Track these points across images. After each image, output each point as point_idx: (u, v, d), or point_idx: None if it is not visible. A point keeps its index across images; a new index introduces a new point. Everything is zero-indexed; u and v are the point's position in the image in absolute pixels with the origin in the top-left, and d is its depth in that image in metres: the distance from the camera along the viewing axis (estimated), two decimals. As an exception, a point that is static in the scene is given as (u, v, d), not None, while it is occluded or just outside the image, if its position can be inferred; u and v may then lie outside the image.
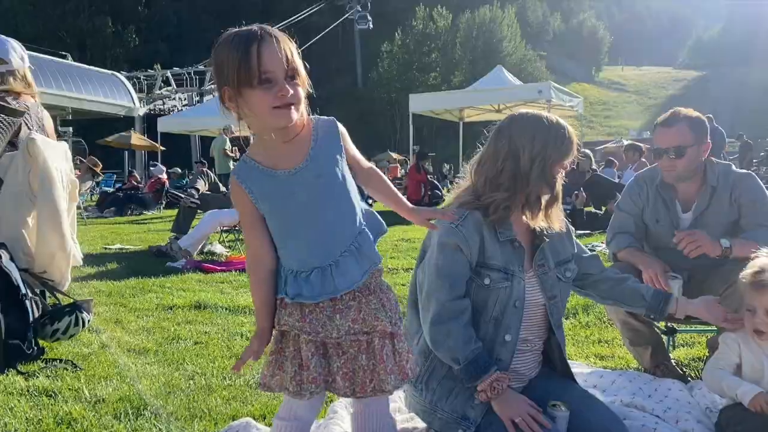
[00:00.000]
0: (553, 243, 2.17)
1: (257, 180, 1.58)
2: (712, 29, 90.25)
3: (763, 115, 38.14)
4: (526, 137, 2.02)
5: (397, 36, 54.66)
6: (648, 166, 10.88)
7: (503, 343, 2.05)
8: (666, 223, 2.94)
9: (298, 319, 1.61)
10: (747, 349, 2.20)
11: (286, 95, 1.48)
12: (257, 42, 1.46)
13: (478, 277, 2.03)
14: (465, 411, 1.98)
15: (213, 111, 19.77)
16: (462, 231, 2.00)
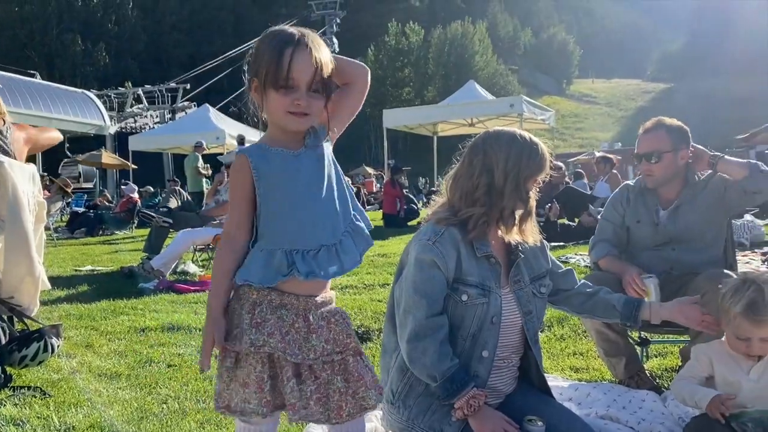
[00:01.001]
0: (528, 259, 2.18)
1: (264, 158, 1.61)
2: (678, 42, 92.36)
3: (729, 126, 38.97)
4: (500, 153, 2.04)
5: (370, 51, 55.03)
6: (619, 177, 11.07)
7: (480, 359, 2.05)
8: (646, 222, 3.02)
9: (279, 339, 1.58)
10: (720, 364, 2.22)
11: (302, 105, 1.55)
12: (292, 47, 1.53)
13: (455, 293, 2.03)
14: (442, 428, 1.98)
15: (185, 128, 19.73)
16: (439, 247, 2.01)
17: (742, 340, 2.12)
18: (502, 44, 69.68)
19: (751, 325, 2.09)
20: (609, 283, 2.61)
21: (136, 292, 5.94)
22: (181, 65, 43.25)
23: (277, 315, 1.60)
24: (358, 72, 1.73)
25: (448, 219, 2.07)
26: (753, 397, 2.14)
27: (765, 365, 2.16)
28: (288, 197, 1.61)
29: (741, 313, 2.09)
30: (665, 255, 2.96)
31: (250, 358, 1.60)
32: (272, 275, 1.59)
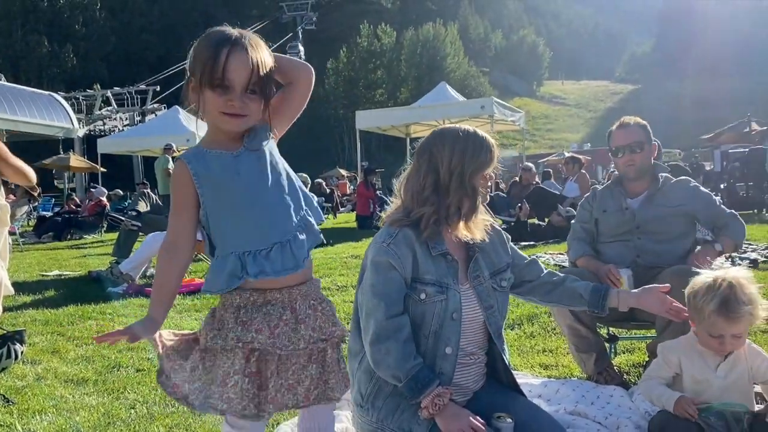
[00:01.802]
0: (487, 253, 2.20)
1: (203, 161, 1.60)
2: (645, 44, 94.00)
3: (695, 126, 39.82)
4: (444, 151, 2.07)
5: (342, 53, 54.99)
6: (588, 177, 11.22)
7: (444, 356, 2.06)
8: (613, 210, 3.16)
9: (268, 335, 1.59)
10: (688, 362, 2.26)
11: (235, 107, 1.55)
12: (228, 47, 1.52)
13: (413, 292, 2.04)
14: (411, 427, 1.98)
15: (156, 130, 19.46)
16: (394, 249, 2.02)
17: (715, 337, 2.15)
18: (474, 46, 70.19)
19: (725, 322, 2.12)
20: (584, 277, 2.68)
21: (104, 297, 5.85)
22: (150, 67, 42.67)
23: (263, 312, 1.61)
24: (301, 72, 1.71)
25: (401, 220, 2.08)
26: (720, 394, 2.19)
27: (732, 363, 2.21)
28: (231, 199, 1.61)
29: (715, 311, 2.11)
30: (631, 244, 3.07)
31: (230, 354, 1.60)
32: (227, 281, 1.59)
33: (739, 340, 2.16)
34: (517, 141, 42.20)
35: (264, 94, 1.59)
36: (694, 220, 3.12)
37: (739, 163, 12.92)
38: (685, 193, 3.10)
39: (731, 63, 70.79)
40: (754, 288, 2.16)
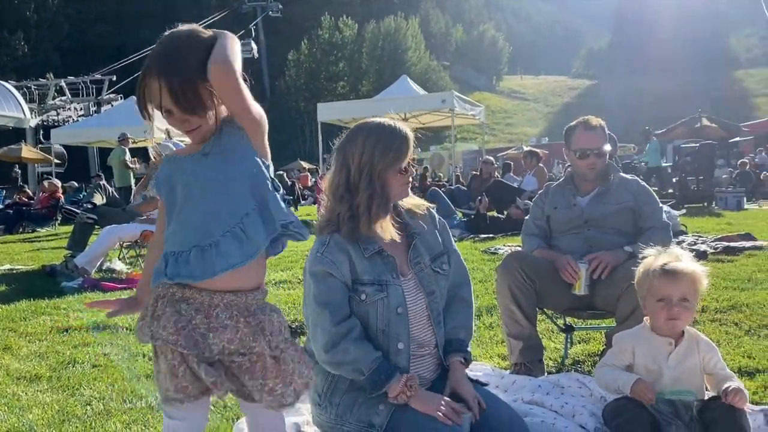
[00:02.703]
0: (425, 238, 2.21)
1: (164, 168, 1.68)
2: (601, 40, 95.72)
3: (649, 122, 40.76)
4: (355, 148, 2.06)
5: (304, 45, 54.53)
6: (545, 171, 11.41)
7: (397, 352, 2.08)
8: (563, 207, 3.26)
9: (172, 332, 1.56)
10: (641, 351, 2.33)
11: (177, 127, 1.60)
12: (146, 75, 1.56)
13: (355, 294, 2.05)
14: (371, 419, 2.00)
15: (111, 121, 18.99)
16: (328, 257, 2.03)
17: (662, 303, 2.20)
18: (435, 40, 70.39)
19: (669, 281, 2.19)
20: (543, 266, 2.96)
21: (58, 292, 5.71)
22: (106, 56, 41.45)
23: (174, 308, 1.58)
24: (211, 70, 1.53)
25: (327, 226, 2.09)
26: (671, 384, 2.26)
27: (684, 353, 2.28)
28: (170, 200, 1.64)
29: (659, 271, 2.20)
30: (583, 235, 3.16)
31: (163, 347, 1.60)
32: (154, 278, 1.62)
33: (686, 308, 2.21)
34: (477, 135, 42.59)
35: (193, 111, 1.54)
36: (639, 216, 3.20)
37: (690, 158, 13.31)
38: (632, 192, 3.20)
39: (684, 60, 72.66)
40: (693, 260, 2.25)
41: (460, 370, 2.15)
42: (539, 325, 3.67)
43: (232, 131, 1.61)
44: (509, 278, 3.01)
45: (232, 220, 1.56)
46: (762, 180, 16.36)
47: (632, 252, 2.96)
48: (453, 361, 2.17)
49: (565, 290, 3.01)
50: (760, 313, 3.90)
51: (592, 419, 2.38)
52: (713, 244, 6.54)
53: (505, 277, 3.04)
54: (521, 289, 2.98)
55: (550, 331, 3.82)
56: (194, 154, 1.63)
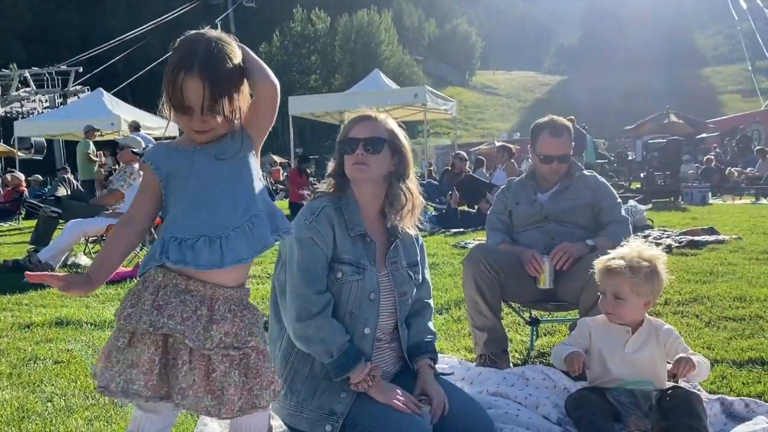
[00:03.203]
0: (406, 244, 2.28)
1: (164, 156, 1.66)
2: (572, 36, 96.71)
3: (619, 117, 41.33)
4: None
5: (275, 37, 54.11)
6: (516, 166, 11.50)
7: (363, 336, 2.11)
8: (524, 202, 3.30)
9: (180, 322, 1.56)
10: (598, 337, 2.38)
11: (196, 126, 1.60)
12: (184, 72, 1.54)
13: (331, 271, 2.09)
14: (332, 406, 2.02)
15: (77, 113, 18.62)
16: (316, 226, 2.09)
17: (602, 296, 2.35)
18: (408, 34, 70.43)
19: (604, 277, 2.32)
20: (508, 259, 3.01)
21: (21, 287, 5.58)
22: (72, 47, 40.60)
23: (180, 299, 1.58)
24: (262, 87, 1.68)
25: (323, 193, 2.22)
26: (628, 371, 2.31)
27: (642, 340, 2.33)
28: (179, 188, 1.63)
29: (599, 267, 2.35)
30: (545, 229, 3.21)
31: (146, 338, 1.57)
32: (146, 262, 1.60)
33: (619, 304, 2.29)
34: (450, 130, 42.78)
35: (223, 113, 1.60)
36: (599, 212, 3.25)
37: (658, 153, 13.54)
38: (590, 188, 3.25)
39: (653, 57, 73.83)
40: (654, 263, 2.30)
41: (429, 372, 2.21)
42: (506, 318, 3.72)
43: (243, 139, 1.69)
44: (474, 270, 3.04)
45: (242, 218, 1.61)
46: (727, 176, 16.72)
47: (593, 245, 3.02)
48: (422, 363, 2.22)
49: (529, 283, 3.05)
50: (721, 305, 3.99)
51: (554, 410, 2.41)
52: (678, 238, 6.68)
53: (470, 269, 3.06)
54: (486, 280, 3.01)
55: (516, 324, 3.86)
56: (201, 147, 1.65)
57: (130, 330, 1.58)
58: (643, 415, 2.20)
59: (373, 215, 2.21)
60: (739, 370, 2.91)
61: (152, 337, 1.57)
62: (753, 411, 2.38)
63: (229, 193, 1.63)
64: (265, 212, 1.66)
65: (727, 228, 7.60)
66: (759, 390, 2.65)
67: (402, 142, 2.19)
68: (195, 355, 1.58)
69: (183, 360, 1.56)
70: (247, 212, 1.63)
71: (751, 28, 45.62)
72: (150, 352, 1.57)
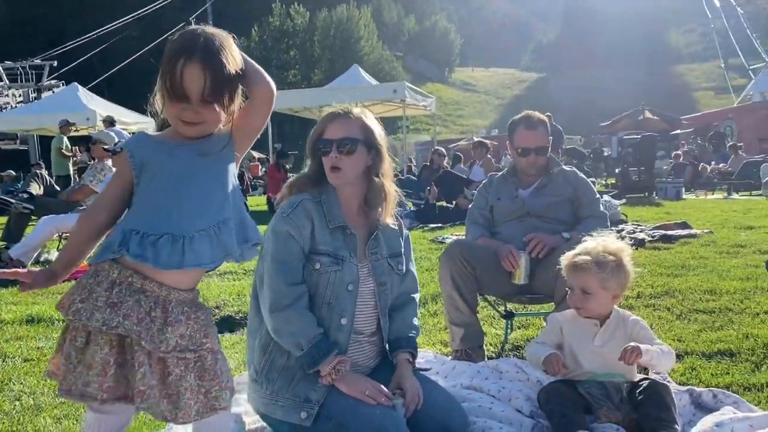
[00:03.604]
0: (388, 235, 2.28)
1: (142, 144, 1.63)
2: (550, 34, 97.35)
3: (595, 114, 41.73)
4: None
5: (254, 32, 53.70)
6: (493, 162, 11.56)
7: (339, 327, 2.12)
8: (506, 198, 3.34)
9: (136, 322, 1.52)
10: (569, 331, 2.41)
11: (189, 117, 1.58)
12: (184, 59, 1.54)
13: (309, 263, 2.10)
14: (308, 394, 2.02)
15: (53, 108, 18.31)
16: (293, 219, 2.10)
17: (570, 291, 2.38)
18: (387, 30, 70.32)
19: (570, 272, 2.36)
20: (484, 254, 3.03)
21: (-9, 284, 5.49)
22: (47, 41, 39.89)
23: (135, 298, 1.55)
24: (259, 87, 1.70)
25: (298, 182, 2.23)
26: (599, 364, 2.34)
27: (610, 332, 2.37)
28: (148, 179, 1.60)
29: (567, 263, 2.39)
30: (525, 224, 3.24)
31: (99, 338, 1.54)
32: (102, 252, 1.56)
33: (587, 299, 2.32)
34: (429, 126, 42.82)
35: (220, 104, 1.59)
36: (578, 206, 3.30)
37: (632, 149, 13.69)
38: (571, 184, 3.30)
39: (629, 54, 74.56)
40: (619, 256, 2.32)
41: (406, 367, 2.21)
42: (481, 312, 3.74)
43: (222, 139, 1.67)
44: (451, 266, 3.05)
45: (210, 222, 1.59)
46: (700, 171, 16.97)
47: (569, 238, 3.05)
48: (401, 358, 2.22)
49: (505, 277, 3.07)
50: (692, 298, 4.06)
51: (527, 403, 2.43)
52: (651, 233, 6.76)
53: (447, 265, 3.08)
54: (462, 276, 3.02)
55: (491, 318, 3.89)
56: (183, 144, 1.63)
57: (79, 328, 1.54)
58: (614, 407, 2.23)
59: (354, 208, 2.22)
60: (708, 361, 2.96)
61: (106, 337, 1.53)
62: (721, 401, 2.42)
63: (201, 193, 1.60)
64: (236, 221, 1.64)
65: (699, 222, 7.71)
66: (727, 381, 2.70)
67: (377, 138, 2.18)
68: (153, 357, 1.55)
69: (140, 362, 1.53)
70: (216, 216, 1.60)
71: (724, 26, 46.36)
72: (104, 353, 1.53)
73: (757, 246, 5.75)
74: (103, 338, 1.53)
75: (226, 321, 4.09)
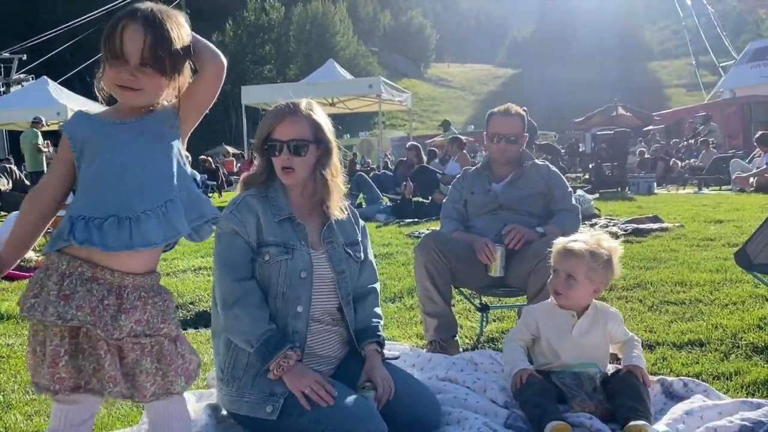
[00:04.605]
0: (342, 224, 2.28)
1: (81, 124, 1.60)
2: (525, 30, 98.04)
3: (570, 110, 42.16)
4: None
5: (228, 27, 53.22)
6: (468, 157, 11.61)
7: (296, 315, 2.12)
8: (479, 192, 3.36)
9: (89, 312, 1.50)
10: (546, 324, 2.43)
11: (124, 79, 1.54)
12: (126, 21, 1.53)
13: (258, 256, 2.12)
14: (272, 388, 2.02)
15: (22, 102, 18.00)
16: (236, 215, 2.13)
17: (554, 274, 2.40)
18: (363, 25, 70.23)
19: (560, 256, 2.38)
20: (459, 246, 3.06)
21: (-42, 281, 5.38)
22: (16, 34, 39.06)
23: (86, 288, 1.52)
24: (208, 61, 1.68)
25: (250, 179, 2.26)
26: (575, 355, 2.37)
27: (588, 324, 2.40)
28: (90, 161, 1.57)
29: (559, 246, 2.40)
30: (497, 217, 3.26)
31: (49, 330, 1.51)
32: (52, 242, 1.53)
33: (571, 286, 2.35)
34: (405, 122, 42.84)
35: (160, 70, 1.56)
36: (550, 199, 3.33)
37: (606, 145, 13.84)
38: (543, 177, 3.33)
39: (603, 51, 75.48)
40: (611, 253, 2.37)
41: (375, 358, 2.21)
42: (456, 305, 3.77)
43: (167, 116, 1.64)
44: (425, 257, 3.06)
45: (155, 201, 1.56)
46: (671, 166, 17.24)
47: (543, 233, 3.07)
48: (369, 349, 2.23)
49: (480, 270, 3.09)
50: (663, 290, 4.12)
51: (502, 393, 2.45)
52: (623, 226, 6.85)
53: (421, 257, 3.09)
54: (436, 267, 3.04)
55: (467, 311, 3.91)
56: (124, 122, 1.60)
57: (35, 322, 1.52)
58: (587, 397, 2.26)
59: (305, 200, 2.23)
60: (679, 351, 3.01)
61: (56, 329, 1.51)
62: (691, 390, 2.46)
63: (144, 173, 1.57)
64: (185, 199, 1.61)
65: (670, 216, 7.84)
66: (697, 370, 2.75)
67: (326, 134, 2.17)
68: (110, 344, 1.54)
69: (105, 350, 1.52)
70: (163, 196, 1.57)
71: (695, 24, 47.11)
72: (54, 344, 1.51)
73: (727, 239, 5.86)
74: (52, 330, 1.51)
75: (201, 316, 4.05)
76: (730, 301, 3.77)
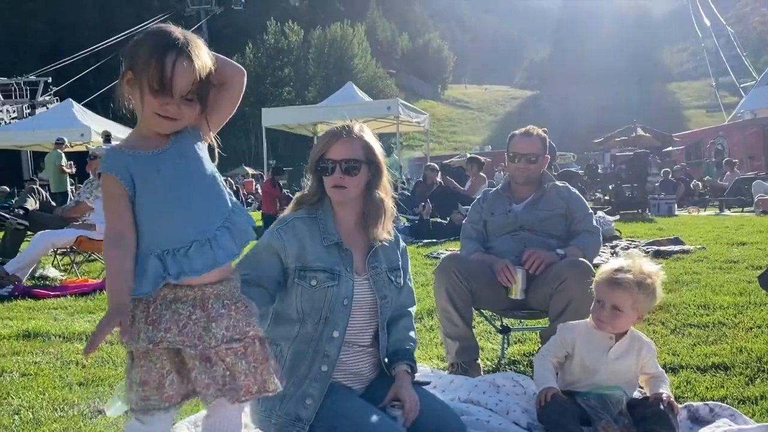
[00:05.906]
0: (386, 249, 2.30)
1: (122, 162, 1.60)
2: (543, 52, 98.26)
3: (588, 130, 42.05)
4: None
5: (249, 50, 54.02)
6: (485, 178, 11.61)
7: (330, 339, 2.13)
8: (499, 213, 3.37)
9: (177, 333, 1.57)
10: (582, 345, 2.42)
11: (170, 111, 1.58)
12: (175, 55, 1.54)
13: (303, 281, 2.13)
14: (298, 413, 2.03)
15: (46, 124, 18.34)
16: (281, 234, 2.16)
17: (598, 304, 2.36)
18: (381, 48, 70.89)
19: (606, 287, 2.33)
20: (479, 268, 3.06)
21: (-14, 300, 5.48)
22: (42, 57, 39.98)
23: (171, 309, 1.59)
24: (234, 74, 1.74)
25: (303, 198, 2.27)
26: (607, 378, 2.36)
27: (624, 348, 2.38)
28: (150, 197, 1.60)
29: (605, 276, 2.35)
30: (518, 237, 3.27)
31: (150, 355, 1.58)
32: (152, 283, 1.55)
33: (617, 316, 2.32)
34: (422, 142, 43.01)
35: (201, 100, 1.63)
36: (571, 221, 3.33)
37: (625, 166, 13.79)
38: (564, 199, 3.34)
39: (621, 72, 75.37)
40: (655, 279, 2.33)
41: (405, 378, 2.22)
42: (477, 327, 3.77)
43: (194, 134, 1.70)
44: (446, 280, 3.08)
45: (222, 216, 1.65)
46: (692, 188, 17.11)
47: (563, 255, 3.08)
48: (399, 369, 2.23)
49: (500, 291, 3.09)
50: (685, 312, 4.09)
51: (524, 415, 2.45)
52: (644, 248, 6.81)
53: (441, 279, 3.10)
54: (457, 290, 3.05)
55: (488, 332, 3.91)
56: (162, 151, 1.63)
57: (132, 348, 1.59)
58: (612, 420, 2.24)
59: (351, 224, 2.25)
60: (703, 375, 2.99)
61: (155, 353, 1.58)
62: (717, 414, 2.44)
63: (203, 194, 1.65)
64: (236, 206, 1.71)
65: (692, 238, 7.78)
66: (722, 394, 2.72)
67: (376, 155, 2.22)
68: (202, 356, 1.60)
69: (195, 364, 1.60)
70: (225, 208, 1.67)
71: (714, 45, 46.92)
72: (158, 368, 1.59)
73: (750, 261, 5.81)
74: (154, 354, 1.59)
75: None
76: (755, 324, 3.74)
